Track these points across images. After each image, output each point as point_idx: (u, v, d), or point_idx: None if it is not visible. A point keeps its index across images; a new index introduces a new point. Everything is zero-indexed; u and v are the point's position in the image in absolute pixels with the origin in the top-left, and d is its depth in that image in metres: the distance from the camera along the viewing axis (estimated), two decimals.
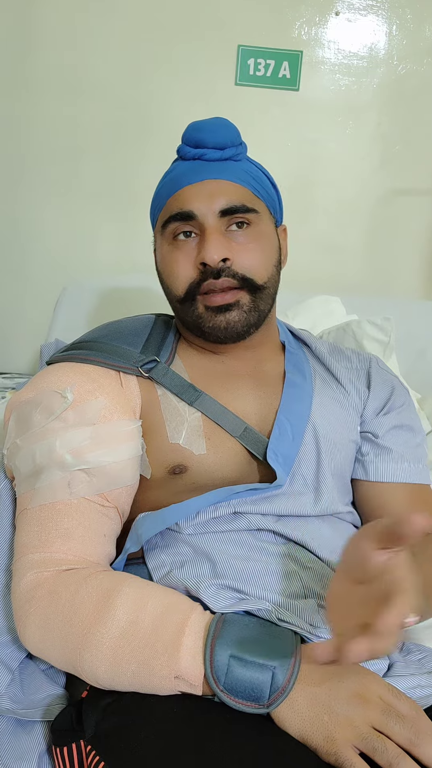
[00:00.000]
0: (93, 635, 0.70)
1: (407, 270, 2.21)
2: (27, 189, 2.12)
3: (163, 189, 0.95)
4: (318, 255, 2.13)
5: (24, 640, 0.78)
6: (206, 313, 0.90)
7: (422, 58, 2.06)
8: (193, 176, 0.91)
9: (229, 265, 0.88)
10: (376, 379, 1.01)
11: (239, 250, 0.90)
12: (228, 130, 0.93)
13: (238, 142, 0.94)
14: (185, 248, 0.91)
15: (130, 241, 2.14)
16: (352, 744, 0.61)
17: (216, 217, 0.89)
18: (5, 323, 2.21)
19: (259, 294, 0.91)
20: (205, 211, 0.89)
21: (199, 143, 0.92)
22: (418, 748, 0.61)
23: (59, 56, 2.02)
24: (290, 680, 0.64)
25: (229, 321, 0.90)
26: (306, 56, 2.04)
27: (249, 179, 0.93)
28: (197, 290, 0.90)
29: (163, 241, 0.94)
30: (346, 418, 0.95)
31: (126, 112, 2.06)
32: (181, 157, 0.95)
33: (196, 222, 0.90)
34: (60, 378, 0.89)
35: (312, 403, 0.94)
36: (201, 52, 2.03)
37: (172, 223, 0.91)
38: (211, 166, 0.92)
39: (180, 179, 0.92)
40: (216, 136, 0.91)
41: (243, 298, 0.90)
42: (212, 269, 0.87)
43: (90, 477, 0.83)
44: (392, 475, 0.93)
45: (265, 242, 0.93)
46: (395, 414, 0.98)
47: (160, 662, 0.67)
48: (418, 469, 0.94)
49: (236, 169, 0.93)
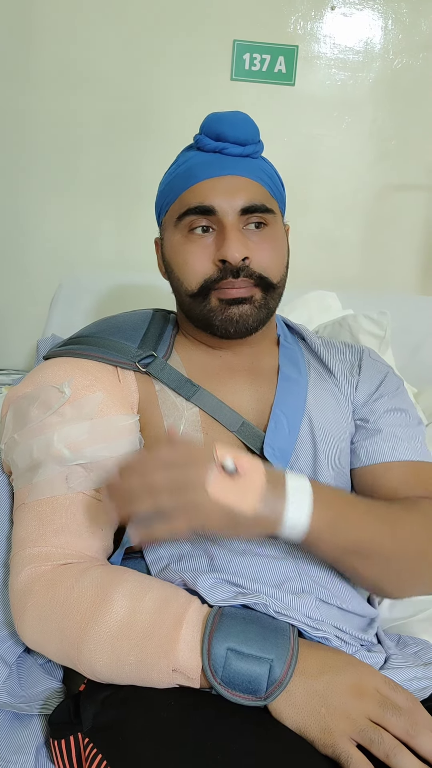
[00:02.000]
0: (91, 629, 0.70)
1: (403, 265, 2.22)
2: (25, 184, 2.11)
3: (177, 179, 0.93)
4: (314, 250, 2.13)
5: (22, 635, 0.78)
6: (219, 305, 0.89)
7: (418, 52, 2.06)
8: (214, 170, 0.90)
9: (248, 264, 0.88)
10: (366, 368, 1.01)
11: (256, 250, 0.89)
12: (250, 126, 0.91)
13: (258, 140, 0.93)
14: (202, 243, 0.89)
15: (129, 236, 2.14)
16: (349, 736, 0.62)
17: (236, 214, 0.88)
18: (2, 319, 2.21)
19: (271, 292, 0.92)
20: (226, 208, 0.88)
21: (221, 136, 0.90)
22: (414, 739, 0.61)
23: (58, 51, 2.02)
24: (287, 673, 0.65)
25: (242, 314, 0.89)
26: (302, 51, 2.04)
27: (266, 178, 0.93)
28: (213, 286, 0.89)
29: (175, 233, 0.93)
30: (341, 409, 0.95)
31: (123, 107, 2.06)
32: (199, 147, 0.93)
33: (215, 218, 0.88)
34: (57, 373, 0.88)
35: (307, 396, 0.94)
36: (196, 48, 2.03)
37: (189, 215, 0.90)
38: (232, 162, 0.90)
39: (198, 171, 0.91)
40: (238, 131, 0.90)
41: (256, 294, 0.90)
42: (232, 267, 0.87)
43: (88, 472, 0.83)
44: (383, 455, 0.91)
45: (278, 243, 0.93)
46: (387, 399, 0.97)
47: (158, 655, 0.67)
48: (413, 446, 0.92)
49: (255, 167, 0.92)
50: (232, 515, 0.68)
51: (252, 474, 0.70)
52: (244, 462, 0.70)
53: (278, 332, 1.04)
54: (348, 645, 0.77)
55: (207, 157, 0.91)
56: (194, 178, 0.91)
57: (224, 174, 0.90)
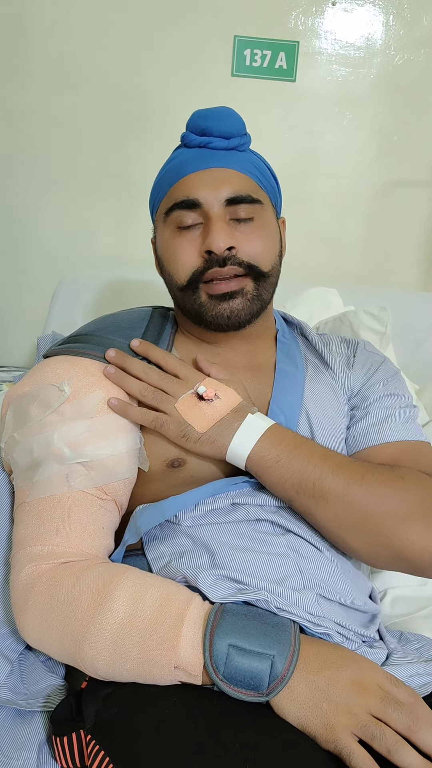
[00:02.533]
0: (92, 626, 0.70)
1: (405, 261, 2.21)
2: (25, 181, 2.11)
3: (165, 176, 0.94)
4: (315, 246, 2.12)
5: (23, 633, 0.78)
6: (209, 301, 0.90)
7: (419, 48, 2.05)
8: (199, 163, 0.91)
9: (234, 253, 0.88)
10: (360, 357, 1.01)
11: (244, 239, 0.89)
12: (234, 120, 0.92)
13: (243, 132, 0.93)
14: (189, 236, 0.90)
15: (129, 233, 2.13)
16: (351, 731, 0.62)
17: (221, 205, 0.89)
18: (3, 316, 2.21)
19: (263, 282, 0.92)
20: (211, 200, 0.89)
21: (205, 131, 0.91)
22: (416, 734, 0.61)
23: (57, 48, 2.01)
24: (289, 668, 0.65)
25: (233, 309, 0.90)
26: (302, 47, 2.04)
27: (253, 170, 0.93)
28: (200, 278, 0.89)
29: (165, 229, 0.93)
30: (338, 401, 0.96)
31: (123, 104, 2.05)
32: (185, 144, 0.94)
33: (201, 210, 0.89)
34: (57, 371, 0.88)
35: (304, 391, 0.94)
36: (197, 43, 2.02)
37: (175, 210, 0.91)
38: (216, 155, 0.91)
39: (184, 166, 0.92)
40: (222, 124, 0.91)
41: (247, 286, 0.90)
42: (218, 257, 0.87)
43: (88, 470, 0.83)
44: (376, 437, 0.91)
45: (268, 232, 0.93)
46: (381, 385, 0.97)
47: (160, 652, 0.67)
48: (405, 427, 0.92)
49: (241, 159, 0.92)
50: (186, 428, 0.83)
51: (218, 406, 0.84)
52: (220, 394, 0.85)
53: (277, 327, 1.04)
54: (349, 641, 0.77)
55: (193, 153, 0.92)
56: (180, 173, 0.92)
57: (209, 167, 0.91)
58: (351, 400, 0.97)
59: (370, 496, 0.79)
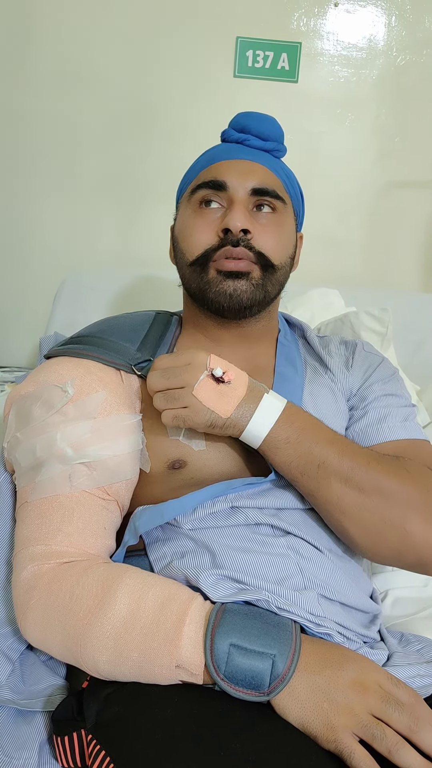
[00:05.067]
0: (94, 626, 0.70)
1: (406, 262, 2.21)
2: (27, 182, 2.12)
3: (197, 164, 0.98)
4: (317, 247, 2.12)
5: (24, 633, 0.78)
6: (216, 277, 0.91)
7: (421, 49, 2.05)
8: (232, 154, 0.95)
9: (249, 238, 0.90)
10: (359, 357, 1.02)
11: (260, 230, 0.92)
12: (274, 125, 0.97)
13: (281, 141, 0.97)
14: (209, 216, 0.93)
15: (131, 233, 2.14)
16: (351, 731, 0.62)
17: (247, 192, 0.92)
18: (5, 316, 2.21)
19: (270, 273, 0.93)
20: (237, 185, 0.92)
21: (245, 128, 0.96)
22: (417, 735, 0.61)
23: (58, 49, 2.02)
24: (290, 668, 0.65)
25: (236, 288, 0.90)
26: (305, 48, 2.04)
27: (282, 174, 0.97)
28: (211, 256, 0.91)
29: (187, 207, 0.96)
30: (337, 403, 0.96)
31: (125, 104, 2.06)
32: (224, 139, 0.98)
33: (225, 193, 0.92)
34: (60, 372, 0.89)
35: (303, 394, 0.94)
36: (199, 44, 2.02)
37: (202, 189, 0.93)
38: (251, 151, 0.95)
39: (217, 155, 0.96)
40: (262, 125, 0.95)
41: (254, 272, 0.91)
42: (233, 237, 0.89)
43: (90, 470, 0.83)
44: (375, 436, 0.91)
45: (284, 230, 0.95)
46: (379, 385, 0.97)
47: (161, 651, 0.67)
48: (404, 425, 0.92)
49: (274, 162, 0.96)
50: (211, 416, 0.79)
51: (236, 384, 0.81)
52: (231, 373, 0.80)
53: (279, 328, 1.04)
54: (350, 641, 0.77)
55: (229, 146, 0.97)
56: (212, 160, 0.96)
57: (242, 158, 0.94)
58: (350, 401, 0.98)
59: (372, 483, 0.79)
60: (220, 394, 0.80)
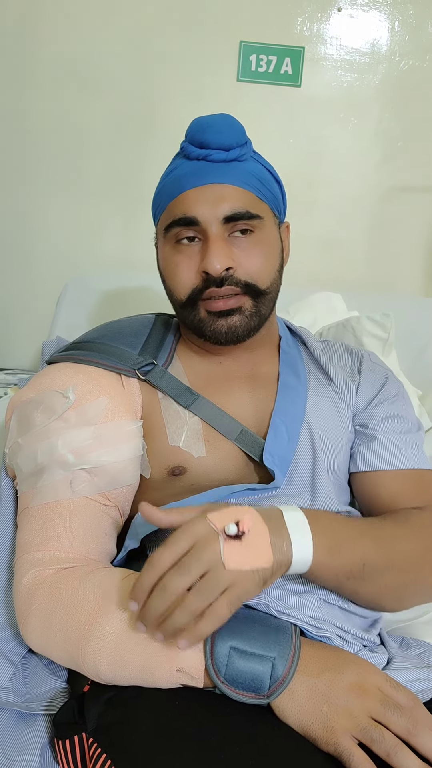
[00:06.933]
0: (95, 631, 0.71)
1: (409, 267, 2.21)
2: (30, 185, 2.12)
3: (165, 189, 0.93)
4: (319, 251, 2.13)
5: (26, 638, 0.78)
6: (208, 317, 0.90)
7: (424, 54, 2.06)
8: (197, 179, 0.89)
9: (231, 273, 0.88)
10: (366, 373, 1.01)
11: (242, 257, 0.89)
12: (233, 130, 0.90)
13: (243, 141, 0.91)
14: (188, 252, 0.90)
15: (134, 236, 2.14)
16: (350, 734, 0.62)
17: (219, 223, 0.88)
18: (8, 318, 2.22)
19: (262, 299, 0.91)
20: (209, 217, 0.88)
21: (204, 144, 0.89)
22: (415, 738, 0.62)
23: (64, 52, 2.02)
24: (290, 671, 0.65)
25: (231, 325, 0.90)
26: (308, 52, 2.04)
27: (253, 182, 0.91)
28: (199, 296, 0.89)
29: (165, 244, 0.93)
30: (341, 416, 0.95)
31: (129, 108, 2.06)
32: (185, 155, 0.93)
33: (199, 227, 0.88)
34: (61, 378, 0.89)
35: (306, 403, 0.94)
36: (203, 49, 2.03)
37: (174, 227, 0.90)
38: (215, 169, 0.89)
39: (183, 181, 0.90)
40: (221, 136, 0.89)
41: (245, 304, 0.90)
42: (215, 278, 0.87)
43: (91, 476, 0.83)
44: (381, 463, 0.92)
45: (267, 248, 0.92)
46: (387, 405, 0.97)
47: (162, 656, 0.68)
48: (411, 454, 0.92)
49: (241, 172, 0.90)
50: (256, 575, 0.66)
51: (255, 528, 0.67)
52: (246, 521, 0.67)
53: (280, 334, 1.04)
54: (350, 645, 0.78)
55: (191, 166, 0.91)
56: (179, 188, 0.90)
57: (207, 183, 0.89)
58: (357, 417, 0.97)
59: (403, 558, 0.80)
60: (249, 548, 0.66)
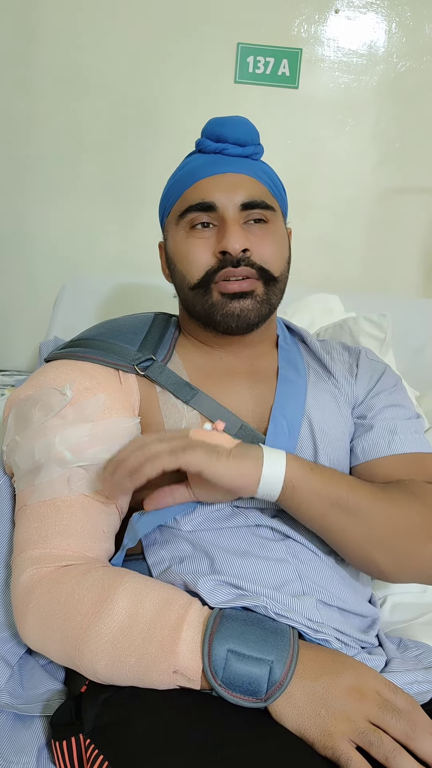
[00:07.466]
0: (92, 630, 0.71)
1: (406, 268, 2.22)
2: (29, 187, 2.12)
3: (179, 180, 0.96)
4: (316, 253, 2.13)
5: (23, 636, 0.78)
6: (221, 299, 0.90)
7: (422, 55, 2.06)
8: (214, 168, 0.93)
9: (248, 255, 0.89)
10: (363, 366, 1.02)
11: (257, 243, 0.91)
12: (249, 129, 0.94)
13: (258, 142, 0.96)
14: (203, 236, 0.91)
15: (132, 238, 2.14)
16: (348, 738, 0.62)
17: (237, 209, 0.90)
18: (6, 320, 2.22)
19: (273, 286, 0.93)
20: (226, 203, 0.90)
21: (221, 138, 0.93)
22: (414, 741, 0.61)
23: (62, 55, 2.03)
24: (287, 674, 0.65)
25: (243, 308, 0.90)
26: (305, 54, 2.05)
27: (266, 178, 0.95)
28: (213, 278, 0.90)
29: (178, 230, 0.94)
30: (340, 410, 0.96)
31: (127, 110, 2.06)
32: (201, 150, 0.96)
33: (216, 213, 0.90)
34: (59, 375, 0.89)
35: (306, 397, 0.95)
36: (201, 50, 2.03)
37: (191, 212, 0.92)
38: (231, 161, 0.93)
39: (199, 171, 0.93)
40: (237, 132, 0.93)
41: (258, 289, 0.91)
42: (232, 258, 0.88)
43: (89, 474, 0.83)
44: (381, 449, 0.92)
45: (279, 238, 0.95)
46: (385, 395, 0.98)
47: (159, 656, 0.67)
48: (412, 438, 0.92)
49: (255, 167, 0.95)
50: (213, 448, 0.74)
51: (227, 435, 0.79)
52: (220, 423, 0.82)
53: (278, 332, 1.04)
54: (348, 647, 0.77)
55: (208, 158, 0.94)
56: (195, 177, 0.93)
57: (224, 171, 0.92)
58: (356, 409, 0.98)
59: (397, 509, 0.80)
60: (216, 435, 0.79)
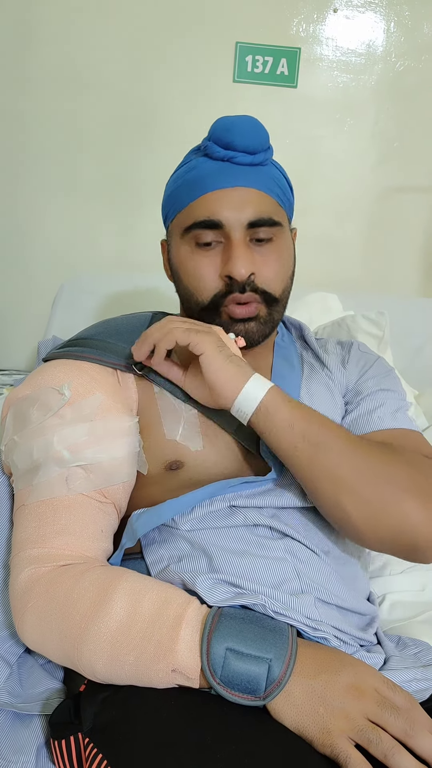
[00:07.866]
0: (91, 629, 0.71)
1: (405, 267, 2.22)
2: (27, 186, 2.12)
3: (185, 186, 0.93)
4: (315, 252, 2.13)
5: (22, 635, 0.78)
6: (228, 321, 0.92)
7: (420, 55, 2.06)
8: (222, 181, 0.90)
9: (253, 279, 0.89)
10: (355, 356, 1.03)
11: (262, 263, 0.90)
12: (259, 134, 0.90)
13: (267, 146, 0.92)
14: (209, 255, 0.91)
15: (130, 238, 2.14)
16: (347, 736, 0.62)
17: (243, 228, 0.89)
18: (4, 320, 2.22)
19: (275, 306, 0.94)
20: (233, 222, 0.89)
21: (230, 145, 0.89)
22: (413, 739, 0.61)
23: (59, 53, 2.02)
24: (286, 672, 0.65)
25: (248, 331, 0.92)
26: (304, 53, 2.05)
27: (275, 187, 0.93)
28: (222, 302, 0.91)
29: (182, 243, 0.93)
30: (335, 399, 0.97)
31: (126, 109, 2.06)
32: (207, 154, 0.92)
33: (222, 231, 0.89)
34: (57, 375, 0.89)
35: (300, 392, 0.95)
36: (199, 49, 2.03)
37: (196, 229, 0.90)
38: (240, 171, 0.90)
39: (206, 181, 0.90)
40: (247, 139, 0.89)
41: (261, 311, 0.92)
42: (239, 283, 0.88)
43: (87, 473, 0.83)
44: (368, 425, 0.92)
45: (285, 255, 0.94)
46: (375, 380, 0.98)
47: (157, 655, 0.67)
48: (398, 416, 0.93)
49: (265, 177, 0.92)
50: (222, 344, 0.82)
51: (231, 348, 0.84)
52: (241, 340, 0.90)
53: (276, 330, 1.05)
54: (347, 645, 0.77)
55: (215, 166, 0.91)
56: (202, 189, 0.91)
57: (233, 185, 0.90)
58: (345, 395, 0.99)
59: (370, 455, 0.80)
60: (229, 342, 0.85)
